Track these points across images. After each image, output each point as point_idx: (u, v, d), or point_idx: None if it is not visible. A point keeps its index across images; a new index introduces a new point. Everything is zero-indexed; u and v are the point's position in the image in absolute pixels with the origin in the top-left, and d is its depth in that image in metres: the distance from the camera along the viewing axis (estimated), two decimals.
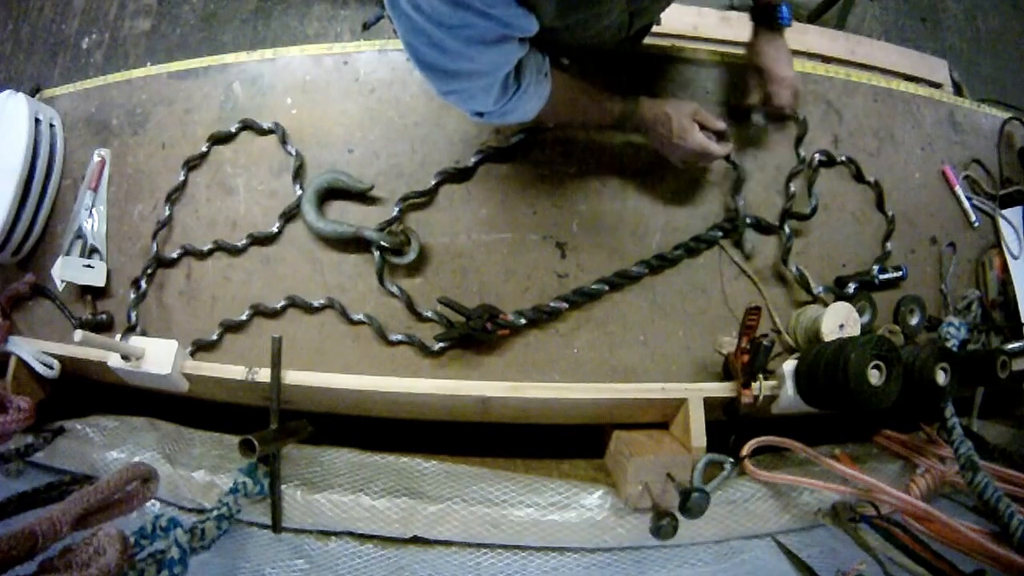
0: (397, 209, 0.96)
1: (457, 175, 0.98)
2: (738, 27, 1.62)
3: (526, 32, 0.65)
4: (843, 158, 1.04)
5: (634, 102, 0.90)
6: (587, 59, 0.98)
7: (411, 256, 0.94)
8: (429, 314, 0.94)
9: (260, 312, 0.97)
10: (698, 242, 0.97)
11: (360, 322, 0.95)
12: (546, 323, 0.94)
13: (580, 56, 0.95)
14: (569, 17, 0.69)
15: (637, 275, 0.95)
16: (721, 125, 0.90)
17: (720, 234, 0.98)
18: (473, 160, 0.98)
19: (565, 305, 0.93)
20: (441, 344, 0.92)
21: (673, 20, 1.57)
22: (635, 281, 0.96)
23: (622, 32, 0.89)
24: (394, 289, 0.94)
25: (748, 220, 0.98)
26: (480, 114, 0.76)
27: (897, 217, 1.06)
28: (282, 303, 0.97)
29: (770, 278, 0.99)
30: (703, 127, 0.89)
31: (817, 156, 1.02)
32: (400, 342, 0.94)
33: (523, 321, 0.92)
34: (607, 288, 0.94)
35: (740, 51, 1.02)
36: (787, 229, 0.98)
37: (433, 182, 0.97)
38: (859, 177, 1.04)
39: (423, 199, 0.98)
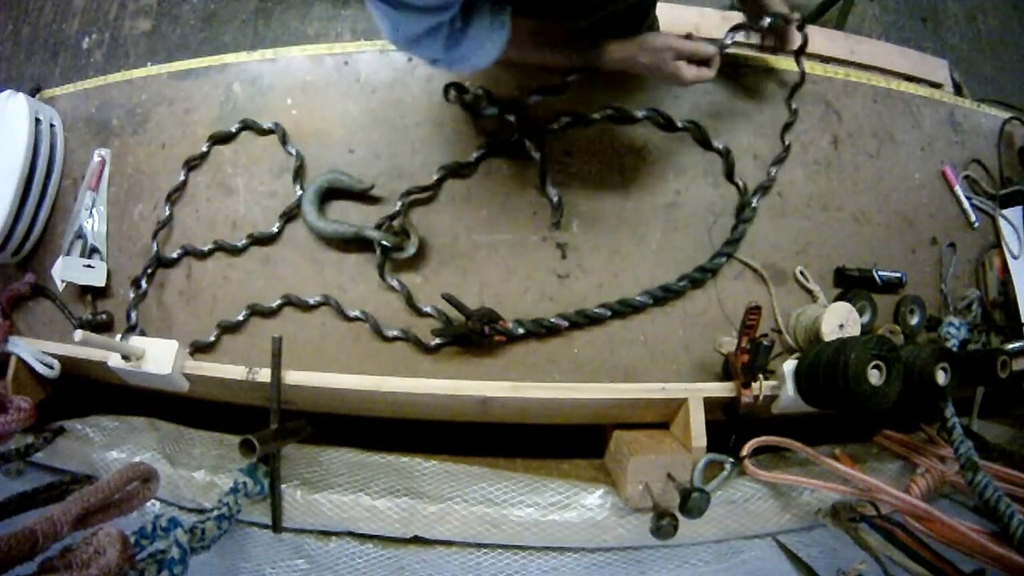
0: (400, 204, 0.96)
1: (459, 169, 0.98)
2: None
3: None
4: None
5: (599, 49, 0.87)
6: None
7: (411, 251, 0.94)
8: (428, 309, 0.94)
9: (257, 312, 0.97)
10: (703, 272, 0.96)
11: (356, 318, 0.95)
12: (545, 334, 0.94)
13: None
14: None
15: (640, 305, 0.94)
16: (708, 50, 0.85)
17: (723, 260, 0.97)
18: (475, 156, 0.98)
19: (565, 323, 0.93)
20: (437, 340, 0.92)
21: (675, 20, 1.57)
22: (639, 311, 0.95)
23: None
24: (394, 283, 0.94)
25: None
26: (435, 60, 0.77)
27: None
28: (278, 302, 0.97)
29: (771, 278, 0.99)
30: (688, 58, 0.84)
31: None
32: (396, 338, 0.94)
33: (521, 331, 0.92)
34: (609, 314, 0.94)
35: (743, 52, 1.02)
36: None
37: (436, 177, 0.97)
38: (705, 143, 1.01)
39: (425, 195, 0.98)
